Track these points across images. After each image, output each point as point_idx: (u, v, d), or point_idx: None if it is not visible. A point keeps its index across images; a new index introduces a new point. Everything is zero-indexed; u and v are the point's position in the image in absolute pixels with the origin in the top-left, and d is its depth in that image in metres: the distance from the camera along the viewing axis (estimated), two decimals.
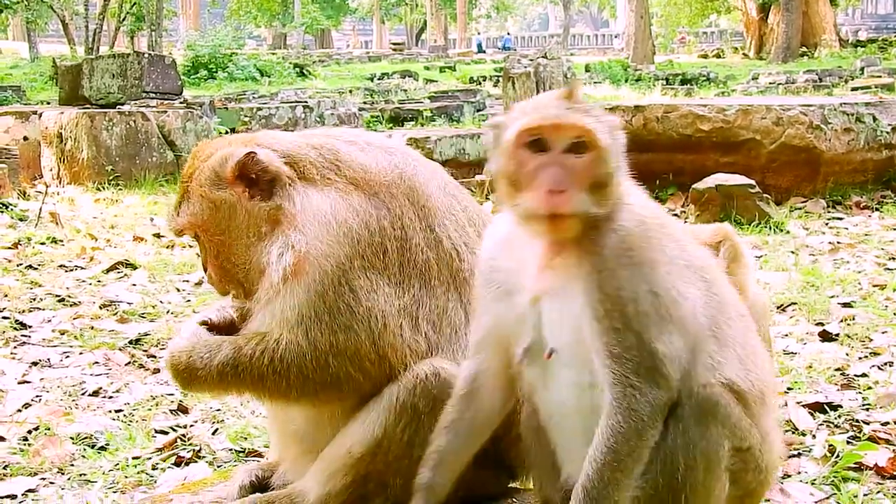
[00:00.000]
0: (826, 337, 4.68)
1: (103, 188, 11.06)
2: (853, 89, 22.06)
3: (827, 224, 8.03)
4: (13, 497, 3.08)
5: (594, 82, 28.92)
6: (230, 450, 3.49)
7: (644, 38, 41.51)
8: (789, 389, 3.91)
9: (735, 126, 8.97)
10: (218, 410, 3.91)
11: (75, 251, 7.14)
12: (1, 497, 3.07)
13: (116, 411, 3.92)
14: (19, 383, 4.25)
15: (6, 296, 5.69)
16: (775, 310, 5.19)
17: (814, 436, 3.42)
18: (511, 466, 2.49)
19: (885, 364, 4.20)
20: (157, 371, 4.44)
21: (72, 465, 3.34)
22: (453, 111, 21.24)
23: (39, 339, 4.91)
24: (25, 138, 12.50)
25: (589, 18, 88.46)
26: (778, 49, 38.86)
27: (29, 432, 3.62)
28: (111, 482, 3.19)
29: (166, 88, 16.62)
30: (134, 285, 6.12)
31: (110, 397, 4.10)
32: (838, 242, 7.13)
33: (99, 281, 6.27)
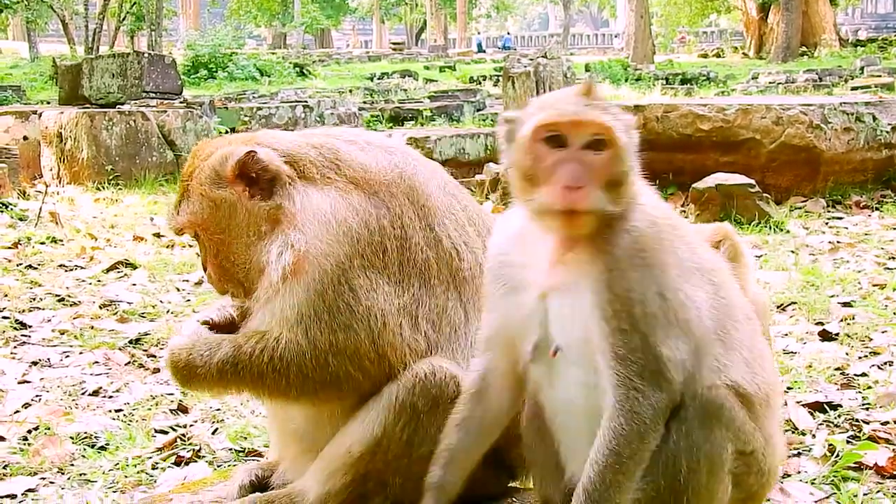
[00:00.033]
0: (826, 336, 4.68)
1: (103, 188, 11.06)
2: (853, 89, 22.08)
3: (827, 223, 8.03)
4: (13, 497, 3.08)
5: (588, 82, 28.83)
6: (230, 449, 3.49)
7: (644, 38, 41.51)
8: (789, 389, 3.91)
9: (735, 125, 8.96)
10: (218, 410, 3.90)
11: (75, 251, 7.14)
12: (1, 497, 3.07)
13: (116, 411, 3.91)
14: (19, 383, 4.25)
15: (6, 295, 5.69)
16: (775, 309, 5.19)
17: (813, 435, 3.41)
18: (511, 466, 2.49)
19: (885, 363, 4.20)
20: (157, 371, 4.44)
21: (72, 465, 3.34)
22: (453, 111, 21.25)
23: (39, 339, 4.91)
24: (25, 138, 12.51)
25: (589, 18, 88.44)
26: (778, 49, 38.86)
27: (29, 432, 3.62)
28: (111, 482, 3.19)
29: (166, 88, 16.64)
30: (134, 285, 6.12)
31: (110, 397, 4.10)
32: (838, 242, 7.13)
33: (99, 280, 6.27)
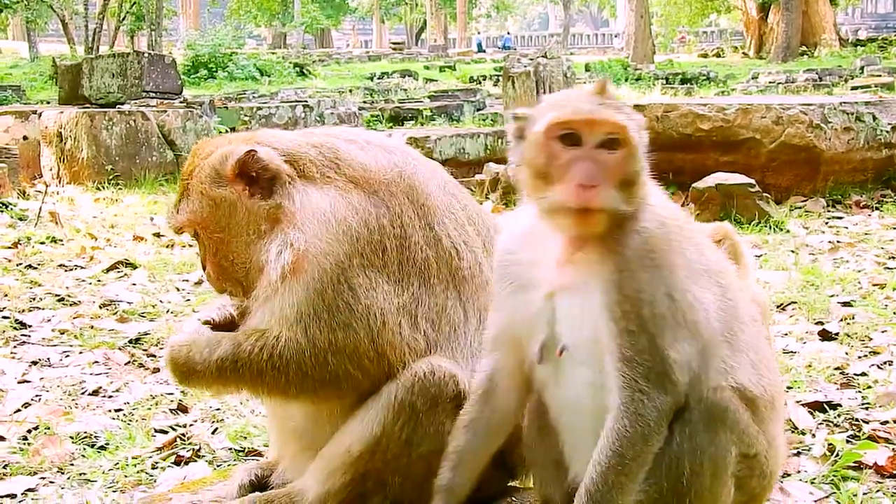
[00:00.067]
0: (826, 336, 4.68)
1: (103, 188, 11.07)
2: (853, 88, 22.07)
3: (827, 223, 8.03)
4: (13, 496, 3.08)
5: (594, 82, 28.85)
6: (230, 449, 3.49)
7: (644, 38, 41.50)
8: (789, 388, 3.91)
9: (735, 125, 8.96)
10: (218, 410, 3.90)
11: (75, 251, 7.14)
12: (1, 496, 3.07)
13: (116, 410, 3.91)
14: (19, 383, 4.24)
15: (6, 295, 5.69)
16: (775, 309, 5.19)
17: (813, 435, 3.41)
18: (511, 465, 2.49)
19: (885, 363, 4.20)
20: (157, 370, 4.43)
21: (71, 465, 3.33)
22: (453, 110, 21.24)
23: (39, 339, 4.91)
24: (25, 138, 12.51)
25: (589, 18, 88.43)
26: (778, 48, 38.87)
27: (29, 431, 3.62)
28: (111, 481, 3.19)
29: (166, 88, 16.66)
30: (134, 285, 6.12)
31: (110, 397, 4.10)
32: (838, 241, 7.12)
33: (99, 280, 6.27)
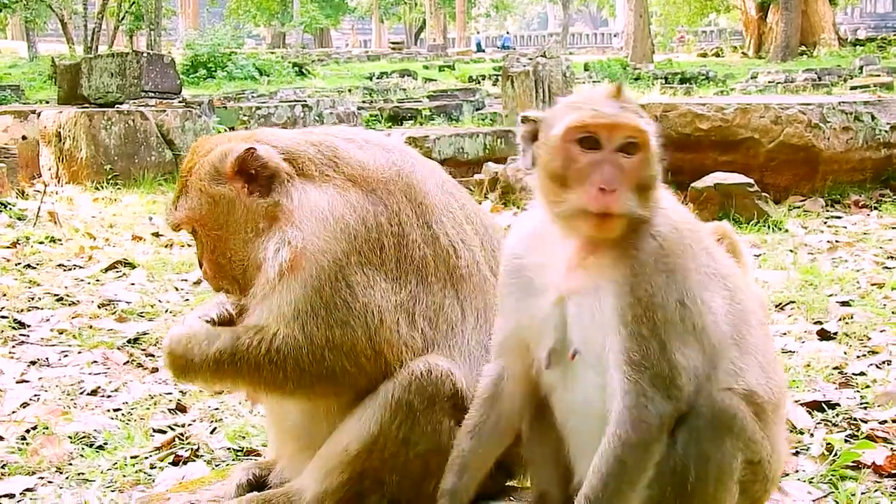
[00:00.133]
0: (824, 335, 4.68)
1: (102, 187, 11.06)
2: (852, 88, 22.10)
3: (825, 223, 8.03)
4: (11, 496, 3.07)
5: (593, 81, 28.89)
6: (228, 449, 3.49)
7: (643, 37, 41.50)
8: (787, 388, 3.91)
9: (734, 125, 8.96)
10: (216, 409, 3.90)
11: (74, 250, 7.14)
12: None
13: (115, 410, 3.91)
14: (18, 382, 4.24)
15: (5, 295, 5.69)
16: (774, 308, 5.19)
17: (812, 434, 3.41)
18: (509, 465, 2.49)
19: (883, 362, 4.20)
20: (156, 370, 4.43)
21: (70, 464, 3.33)
22: (452, 110, 21.23)
23: (38, 339, 4.91)
24: (24, 137, 12.50)
25: (588, 17, 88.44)
26: (777, 48, 38.88)
27: (27, 431, 3.61)
28: (109, 481, 3.19)
29: (165, 87, 16.64)
30: (132, 284, 6.12)
31: (108, 396, 4.10)
32: (837, 241, 7.12)
33: (97, 280, 6.27)
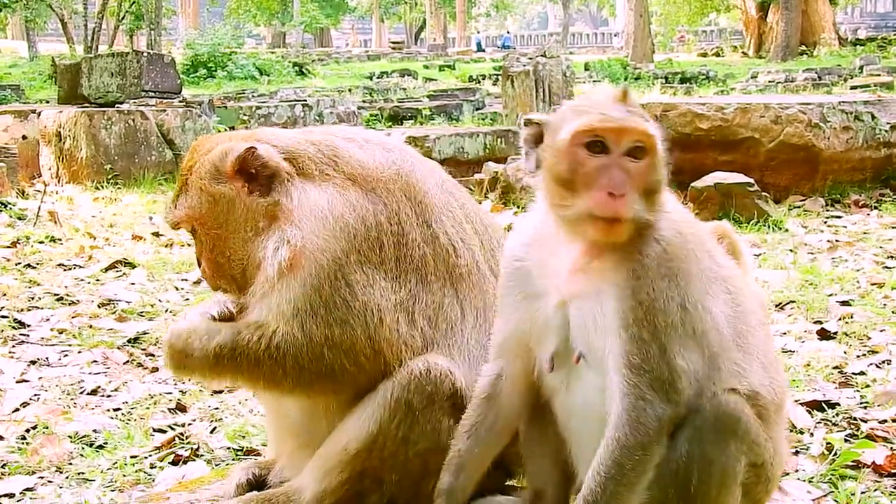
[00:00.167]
0: (824, 335, 4.67)
1: (102, 187, 11.06)
2: (852, 88, 22.09)
3: (825, 222, 8.02)
4: (11, 496, 3.07)
5: (593, 81, 28.89)
6: (228, 448, 3.49)
7: (643, 37, 41.50)
8: (788, 388, 3.91)
9: (734, 124, 8.95)
10: (216, 409, 3.90)
11: (74, 250, 7.14)
12: None
13: (115, 410, 3.91)
14: (18, 382, 4.24)
15: (5, 294, 5.69)
16: (774, 308, 5.19)
17: (811, 434, 3.41)
18: (508, 464, 2.49)
19: (883, 362, 4.20)
20: (156, 370, 4.43)
21: (70, 464, 3.33)
22: (452, 110, 21.24)
23: (38, 338, 4.91)
24: (24, 137, 12.50)
25: (588, 17, 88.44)
26: (777, 48, 38.87)
27: (27, 431, 3.61)
28: (109, 481, 3.18)
29: (165, 87, 16.64)
30: (133, 284, 6.12)
31: (108, 396, 4.10)
32: (837, 241, 7.12)
33: (97, 280, 6.27)
